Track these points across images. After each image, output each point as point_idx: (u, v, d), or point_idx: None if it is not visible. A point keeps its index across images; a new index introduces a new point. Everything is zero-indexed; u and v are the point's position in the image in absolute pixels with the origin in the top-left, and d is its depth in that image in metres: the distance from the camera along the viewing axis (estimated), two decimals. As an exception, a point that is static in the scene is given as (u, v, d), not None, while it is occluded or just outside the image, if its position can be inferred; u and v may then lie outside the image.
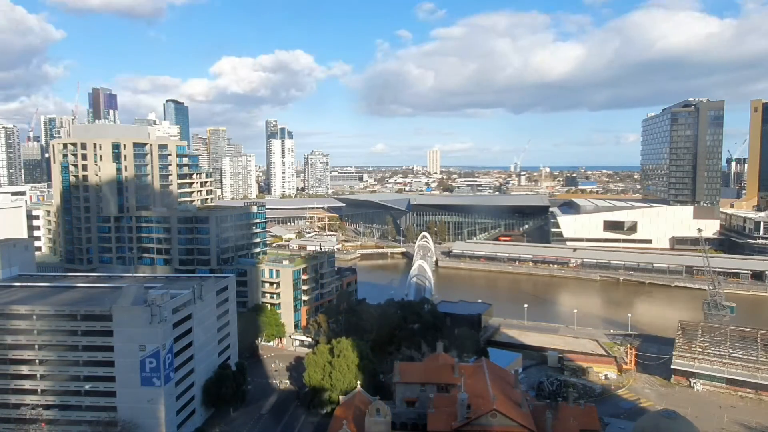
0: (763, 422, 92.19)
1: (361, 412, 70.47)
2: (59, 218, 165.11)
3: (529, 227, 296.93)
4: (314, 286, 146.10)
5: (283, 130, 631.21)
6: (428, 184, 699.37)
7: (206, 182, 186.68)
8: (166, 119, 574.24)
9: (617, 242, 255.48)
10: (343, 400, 79.83)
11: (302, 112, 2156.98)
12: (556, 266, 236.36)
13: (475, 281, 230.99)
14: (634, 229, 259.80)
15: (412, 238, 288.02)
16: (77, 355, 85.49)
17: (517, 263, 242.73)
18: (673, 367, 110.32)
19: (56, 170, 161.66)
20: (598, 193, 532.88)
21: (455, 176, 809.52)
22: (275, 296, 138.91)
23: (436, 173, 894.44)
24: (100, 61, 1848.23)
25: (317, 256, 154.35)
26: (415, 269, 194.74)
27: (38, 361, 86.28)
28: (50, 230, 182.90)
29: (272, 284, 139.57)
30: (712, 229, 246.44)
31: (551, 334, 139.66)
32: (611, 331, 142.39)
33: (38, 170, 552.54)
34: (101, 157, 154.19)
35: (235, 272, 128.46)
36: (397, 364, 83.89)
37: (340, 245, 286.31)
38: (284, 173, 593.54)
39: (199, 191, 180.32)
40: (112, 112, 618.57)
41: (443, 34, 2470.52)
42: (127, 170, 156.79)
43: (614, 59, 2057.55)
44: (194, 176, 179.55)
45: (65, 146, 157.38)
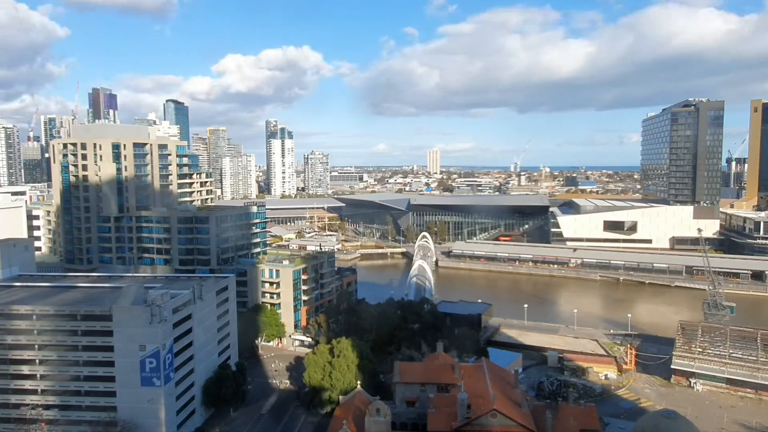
0: (763, 422, 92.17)
1: (361, 412, 70.44)
2: (59, 218, 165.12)
3: (529, 227, 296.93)
4: (314, 286, 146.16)
5: (283, 130, 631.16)
6: (428, 184, 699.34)
7: (206, 182, 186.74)
8: (166, 119, 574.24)
9: (617, 242, 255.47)
10: (343, 400, 79.82)
11: (303, 111, 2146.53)
12: (556, 266, 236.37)
13: (475, 281, 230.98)
14: (634, 229, 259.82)
15: (412, 238, 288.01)
16: (77, 355, 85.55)
17: (517, 263, 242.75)
18: (673, 367, 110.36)
19: (56, 170, 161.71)
20: (598, 193, 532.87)
21: (455, 176, 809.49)
22: (275, 296, 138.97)
23: (436, 173, 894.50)
24: (102, 60, 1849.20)
25: (317, 256, 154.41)
26: (415, 269, 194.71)
27: (38, 361, 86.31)
28: (50, 230, 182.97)
29: (272, 284, 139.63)
30: (712, 229, 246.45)
31: (551, 334, 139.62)
32: (611, 331, 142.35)
33: (38, 170, 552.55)
34: (101, 157, 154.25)
35: (235, 272, 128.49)
36: (397, 364, 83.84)
37: (340, 245, 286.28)
38: (284, 173, 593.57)
39: (199, 191, 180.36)
40: (112, 112, 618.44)
41: (451, 31, 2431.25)
42: (127, 170, 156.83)
43: (625, 56, 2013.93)
44: (194, 176, 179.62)
45: (65, 146, 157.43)
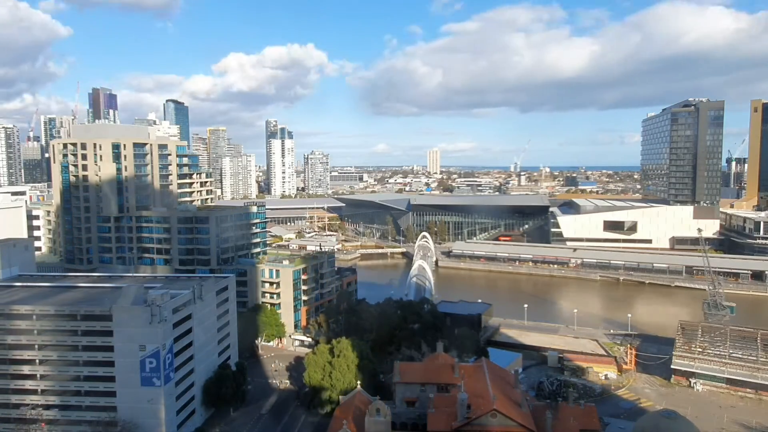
0: (763, 422, 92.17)
1: (361, 412, 70.41)
2: (59, 218, 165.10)
3: (529, 227, 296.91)
4: (314, 286, 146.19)
5: (283, 130, 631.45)
6: (428, 184, 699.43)
7: (206, 182, 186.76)
8: (166, 119, 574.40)
9: (617, 242, 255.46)
10: (343, 400, 79.75)
11: (304, 111, 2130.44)
12: (556, 266, 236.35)
13: (475, 281, 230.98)
14: (634, 229, 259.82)
15: (412, 238, 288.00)
16: (77, 355, 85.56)
17: (517, 263, 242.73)
18: (673, 367, 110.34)
19: (56, 170, 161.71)
20: (598, 193, 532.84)
21: (455, 176, 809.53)
22: (275, 296, 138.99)
23: (436, 173, 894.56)
24: (103, 59, 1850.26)
25: (317, 256, 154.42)
26: (415, 269, 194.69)
27: (38, 361, 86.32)
28: (50, 230, 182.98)
29: (272, 284, 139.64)
30: (712, 229, 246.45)
31: (551, 334, 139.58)
32: (611, 331, 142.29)
33: (38, 170, 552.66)
34: (101, 157, 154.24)
35: (235, 272, 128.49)
36: (397, 364, 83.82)
37: (340, 245, 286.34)
38: (284, 173, 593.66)
39: (199, 191, 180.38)
40: (112, 112, 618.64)
41: (456, 29, 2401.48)
42: (127, 170, 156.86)
43: (631, 55, 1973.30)
44: (194, 176, 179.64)
45: (65, 146, 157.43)
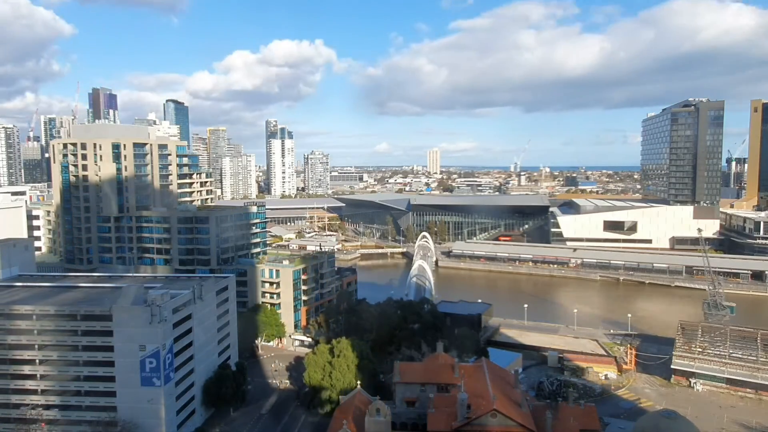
0: (763, 422, 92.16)
1: (361, 412, 70.38)
2: (59, 218, 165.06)
3: (529, 227, 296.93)
4: (314, 286, 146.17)
5: (283, 130, 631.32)
6: (428, 184, 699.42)
7: (206, 182, 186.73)
8: (166, 119, 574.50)
9: (617, 242, 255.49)
10: (343, 400, 79.72)
11: (306, 111, 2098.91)
12: (556, 266, 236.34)
13: (475, 281, 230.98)
14: (634, 229, 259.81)
15: (412, 238, 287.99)
16: (77, 355, 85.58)
17: (517, 263, 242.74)
18: (673, 367, 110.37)
19: (56, 170, 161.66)
20: (598, 193, 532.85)
21: (455, 176, 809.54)
22: (275, 296, 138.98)
23: (436, 173, 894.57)
24: (105, 58, 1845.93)
25: (317, 256, 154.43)
26: (415, 269, 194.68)
27: (38, 361, 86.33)
28: (50, 230, 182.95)
29: (272, 284, 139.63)
30: (712, 229, 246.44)
31: (551, 334, 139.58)
32: (611, 331, 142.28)
33: (38, 170, 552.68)
34: (101, 157, 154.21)
35: (235, 272, 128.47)
36: (397, 364, 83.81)
37: (340, 245, 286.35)
38: (284, 173, 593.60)
39: (199, 191, 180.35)
40: (112, 112, 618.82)
41: (464, 26, 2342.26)
42: (127, 170, 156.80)
43: (643, 52, 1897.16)
44: (194, 176, 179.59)
45: (65, 146, 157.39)
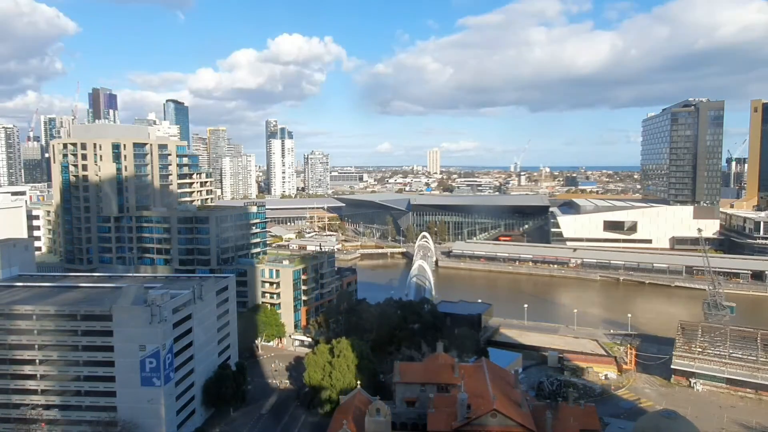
0: (763, 422, 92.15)
1: (361, 412, 70.36)
2: (59, 218, 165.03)
3: (529, 227, 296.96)
4: (314, 286, 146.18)
5: (283, 130, 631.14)
6: (428, 184, 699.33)
7: (206, 182, 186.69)
8: (166, 119, 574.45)
9: (617, 242, 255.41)
10: (343, 400, 79.73)
11: (307, 111, 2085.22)
12: (556, 266, 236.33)
13: (475, 281, 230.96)
14: (634, 229, 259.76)
15: (412, 238, 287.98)
16: (77, 355, 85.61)
17: (517, 263, 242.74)
18: (673, 367, 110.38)
19: (56, 170, 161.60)
20: (598, 193, 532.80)
21: (455, 176, 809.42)
22: (275, 296, 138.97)
23: (436, 173, 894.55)
24: (107, 57, 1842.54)
25: (317, 256, 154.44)
26: (415, 269, 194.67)
27: (38, 361, 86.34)
28: (50, 230, 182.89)
29: (272, 284, 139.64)
30: (712, 229, 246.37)
31: (551, 334, 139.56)
32: (611, 331, 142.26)
33: (38, 170, 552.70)
34: (101, 157, 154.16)
35: (235, 272, 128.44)
36: (397, 364, 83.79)
37: (340, 245, 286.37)
38: (284, 173, 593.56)
39: (199, 191, 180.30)
40: (112, 112, 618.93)
41: (473, 22, 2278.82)
42: (127, 170, 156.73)
43: (655, 50, 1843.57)
44: (194, 176, 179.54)
45: (65, 146, 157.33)
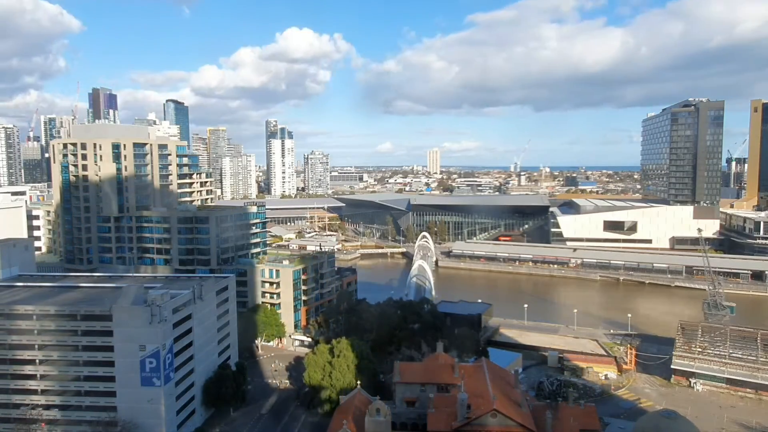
0: (763, 422, 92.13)
1: (361, 412, 70.39)
2: (59, 218, 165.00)
3: (529, 227, 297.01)
4: (314, 286, 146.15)
5: (283, 130, 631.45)
6: (428, 184, 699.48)
7: (206, 182, 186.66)
8: (166, 119, 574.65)
9: (617, 242, 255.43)
10: (343, 400, 79.77)
11: (311, 110, 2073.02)
12: (556, 266, 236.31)
13: (475, 281, 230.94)
14: (634, 229, 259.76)
15: (412, 238, 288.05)
16: (77, 355, 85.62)
17: (517, 263, 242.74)
18: (673, 367, 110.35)
19: (56, 170, 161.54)
20: (598, 193, 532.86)
21: (455, 176, 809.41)
22: (275, 296, 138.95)
23: (436, 173, 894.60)
24: (109, 55, 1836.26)
25: (317, 256, 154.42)
26: (415, 269, 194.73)
27: (38, 361, 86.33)
28: (50, 230, 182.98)
29: (272, 284, 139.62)
30: (712, 229, 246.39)
31: (551, 334, 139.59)
32: (611, 331, 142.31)
33: (38, 170, 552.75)
34: (101, 157, 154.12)
35: (235, 272, 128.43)
36: (397, 364, 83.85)
37: (340, 245, 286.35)
38: (284, 173, 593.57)
39: (199, 191, 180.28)
40: (112, 111, 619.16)
41: (482, 19, 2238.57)
42: (127, 170, 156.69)
43: (667, 47, 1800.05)
44: (194, 176, 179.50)
45: (65, 146, 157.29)
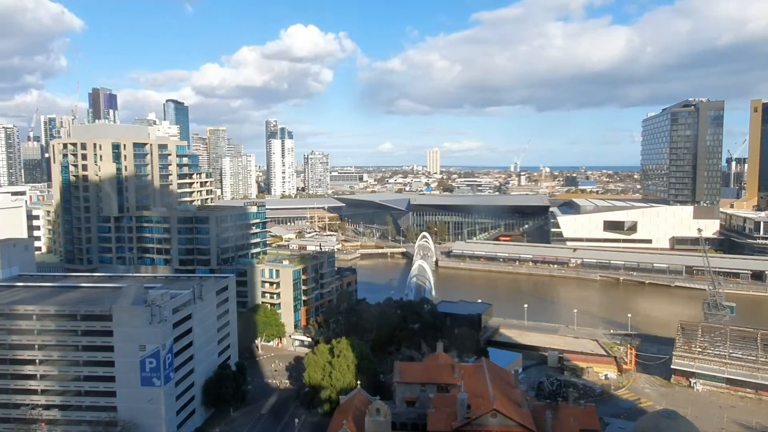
0: (763, 422, 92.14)
1: (361, 412, 70.38)
2: (59, 218, 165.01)
3: (529, 227, 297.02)
4: (314, 286, 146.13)
5: (283, 130, 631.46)
6: (428, 184, 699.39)
7: (206, 182, 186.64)
8: (166, 119, 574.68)
9: (617, 242, 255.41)
10: (343, 400, 79.77)
11: (313, 110, 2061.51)
12: (556, 266, 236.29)
13: (475, 281, 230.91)
14: (634, 229, 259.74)
15: (412, 238, 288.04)
16: (77, 355, 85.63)
17: (517, 263, 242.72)
18: (673, 367, 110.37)
19: (56, 170, 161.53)
20: (598, 193, 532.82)
21: (455, 176, 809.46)
22: (275, 296, 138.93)
23: (436, 173, 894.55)
24: (110, 54, 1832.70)
25: (317, 256, 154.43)
26: (415, 269, 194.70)
27: (38, 361, 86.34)
28: (50, 230, 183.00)
29: (272, 284, 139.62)
30: (712, 229, 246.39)
31: (551, 334, 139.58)
32: (611, 331, 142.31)
33: (38, 170, 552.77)
34: (101, 157, 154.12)
35: (235, 272, 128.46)
36: (397, 364, 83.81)
37: (340, 245, 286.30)
38: (284, 173, 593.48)
39: (199, 191, 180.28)
40: (112, 111, 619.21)
41: (487, 17, 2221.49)
42: (127, 170, 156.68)
43: (673, 46, 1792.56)
44: (194, 176, 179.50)
45: (65, 146, 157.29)
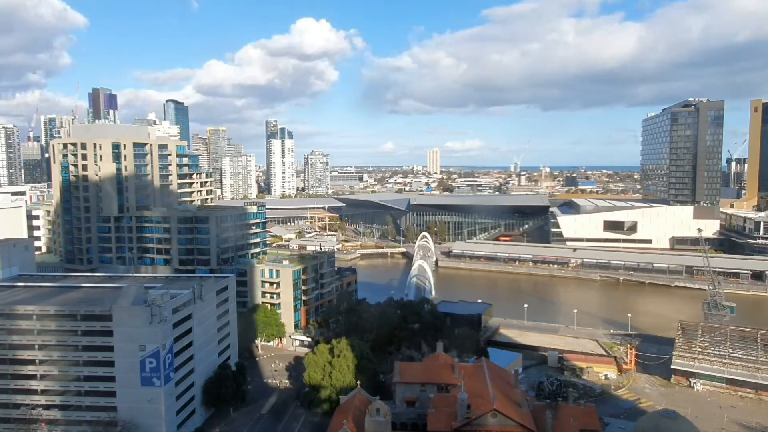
0: (763, 422, 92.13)
1: (361, 412, 70.40)
2: (59, 218, 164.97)
3: (529, 227, 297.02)
4: (314, 286, 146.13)
5: (283, 130, 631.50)
6: (428, 184, 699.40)
7: (206, 182, 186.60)
8: (166, 119, 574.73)
9: (617, 242, 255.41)
10: (343, 400, 79.79)
11: (315, 109, 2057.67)
12: (556, 266, 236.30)
13: (475, 281, 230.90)
14: (634, 229, 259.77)
15: (412, 238, 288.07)
16: (77, 355, 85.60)
17: (517, 263, 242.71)
18: (673, 367, 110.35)
19: (56, 170, 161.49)
20: (598, 193, 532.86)
21: (455, 176, 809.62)
22: (275, 296, 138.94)
23: (436, 173, 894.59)
24: (111, 54, 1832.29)
25: (317, 256, 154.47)
26: (415, 269, 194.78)
27: (38, 361, 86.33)
28: (50, 230, 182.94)
29: (272, 284, 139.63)
30: (712, 229, 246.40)
31: (551, 334, 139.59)
32: (611, 331, 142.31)
33: (38, 170, 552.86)
34: (101, 156, 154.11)
35: (235, 272, 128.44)
36: (397, 364, 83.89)
37: (340, 245, 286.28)
38: (284, 173, 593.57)
39: (199, 191, 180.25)
40: (112, 111, 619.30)
41: (498, 14, 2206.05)
42: (127, 170, 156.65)
43: (685, 43, 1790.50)
44: (194, 176, 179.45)
45: (65, 146, 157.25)
